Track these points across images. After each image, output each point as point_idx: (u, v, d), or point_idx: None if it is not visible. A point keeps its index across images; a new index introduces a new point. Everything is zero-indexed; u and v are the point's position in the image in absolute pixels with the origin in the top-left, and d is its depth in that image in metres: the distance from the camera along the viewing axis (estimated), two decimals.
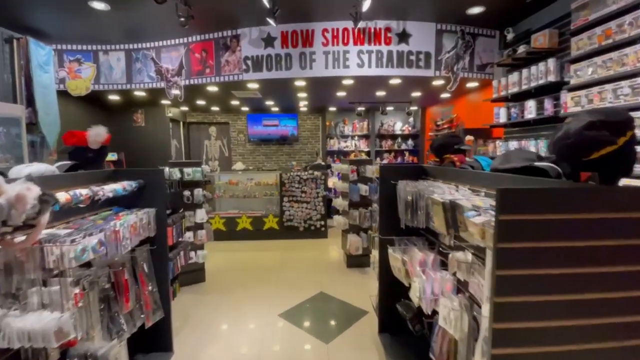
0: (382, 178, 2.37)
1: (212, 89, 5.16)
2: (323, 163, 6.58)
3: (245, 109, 7.91)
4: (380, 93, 5.79)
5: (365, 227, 4.29)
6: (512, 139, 4.21)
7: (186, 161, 4.44)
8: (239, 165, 8.27)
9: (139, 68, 5.03)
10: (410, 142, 8.30)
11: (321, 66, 4.23)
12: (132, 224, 1.90)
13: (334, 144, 8.23)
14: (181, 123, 8.20)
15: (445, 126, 6.78)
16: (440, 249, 1.95)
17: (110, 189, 1.80)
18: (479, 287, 1.57)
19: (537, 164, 1.29)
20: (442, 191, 1.77)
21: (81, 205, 1.58)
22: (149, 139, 6.95)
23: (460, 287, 1.80)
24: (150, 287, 2.20)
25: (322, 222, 6.03)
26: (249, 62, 4.38)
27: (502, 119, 4.26)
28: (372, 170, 4.23)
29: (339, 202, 4.58)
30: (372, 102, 6.73)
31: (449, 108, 6.69)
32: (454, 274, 1.78)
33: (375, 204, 4.41)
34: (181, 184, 3.64)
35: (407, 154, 8.32)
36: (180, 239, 2.46)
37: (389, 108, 7.80)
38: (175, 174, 3.65)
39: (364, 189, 4.12)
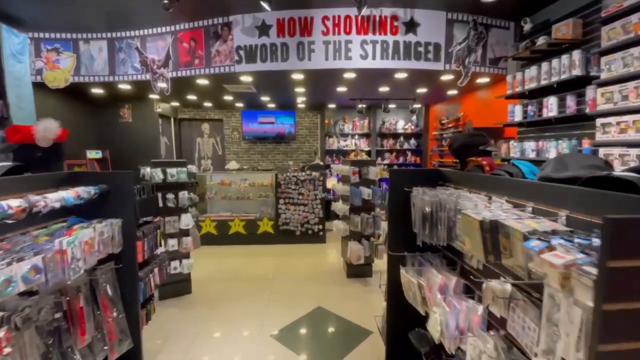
0: (393, 184, 2.02)
1: (202, 82, 4.80)
2: (322, 163, 6.24)
3: (239, 105, 7.54)
4: (384, 89, 5.45)
5: (368, 234, 3.95)
6: (529, 139, 3.88)
7: (170, 160, 4.08)
8: (232, 165, 7.90)
9: (122, 58, 4.65)
10: (412, 141, 7.97)
11: (321, 57, 3.87)
12: (86, 241, 1.54)
13: (333, 143, 7.88)
14: (172, 119, 7.81)
15: (451, 125, 6.45)
16: (471, 277, 1.61)
17: (56, 198, 1.44)
18: (524, 331, 1.23)
19: (618, 173, 0.95)
20: (472, 203, 1.43)
21: (9, 221, 1.22)
22: (137, 135, 6.56)
23: (492, 321, 1.47)
24: (115, 314, 1.85)
25: (320, 226, 5.69)
26: (242, 53, 4.02)
27: (518, 117, 3.93)
28: (375, 172, 3.89)
29: (339, 207, 4.24)
30: (374, 99, 6.39)
31: (455, 106, 6.36)
32: (487, 307, 1.45)
33: (378, 209, 4.08)
34: (157, 187, 3.28)
35: (409, 153, 7.99)
36: (155, 252, 2.11)
37: (391, 106, 7.46)
38: (158, 175, 3.29)
39: (366, 192, 3.77)
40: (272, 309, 3.29)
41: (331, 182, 6.75)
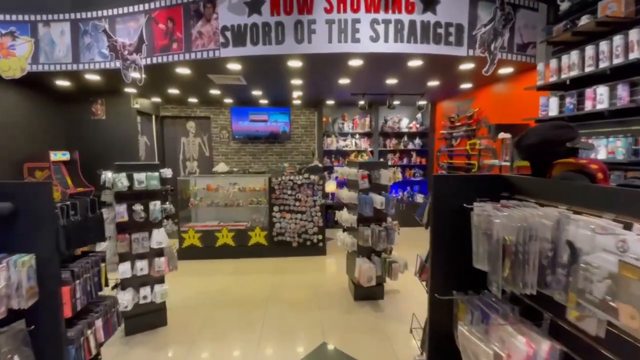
0: (439, 196, 1.45)
1: (183, 70, 4.17)
2: (320, 165, 5.65)
3: (228, 101, 6.92)
4: (391, 81, 4.89)
5: (379, 250, 3.38)
6: None
7: (138, 163, 3.43)
8: (221, 167, 7.27)
9: (87, 43, 4.01)
10: (417, 141, 7.44)
11: (323, 39, 3.29)
12: None
13: (332, 143, 7.30)
14: (153, 117, 7.15)
15: (462, 123, 5.94)
16: (570, 337, 1.03)
17: None
18: None
19: None
20: (612, 239, 0.86)
21: None
22: (112, 135, 5.89)
23: None
24: None
25: (320, 236, 5.10)
26: (229, 34, 3.42)
27: (553, 111, 3.41)
28: (387, 177, 3.32)
29: (345, 217, 3.66)
30: (378, 94, 5.84)
31: (467, 101, 5.85)
32: None
33: (390, 219, 3.51)
34: (123, 197, 2.66)
35: (414, 154, 7.45)
36: (94, 297, 1.49)
37: (396, 102, 6.93)
38: (121, 181, 2.67)
39: (378, 201, 3.20)
40: (266, 347, 2.69)
41: (330, 186, 6.18)
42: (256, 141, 7.50)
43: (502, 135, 4.05)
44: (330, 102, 6.96)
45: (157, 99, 6.70)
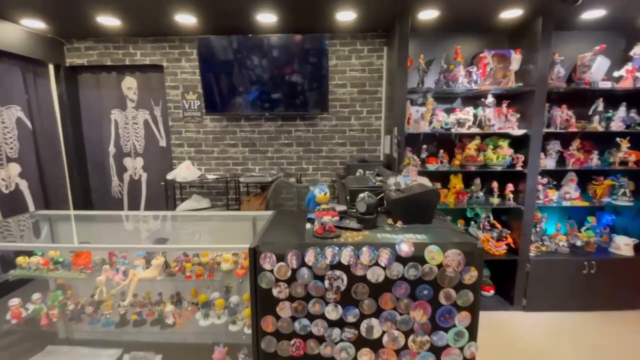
0: None
1: None
2: (432, 185, 1.83)
3: (188, 19, 3.25)
4: None
5: None
6: None
7: None
8: (183, 171, 3.73)
9: None
10: (624, 112, 3.36)
11: None
12: None
13: (423, 118, 3.42)
14: (50, 68, 3.72)
15: None
16: None
17: None
18: None
19: None
20: None
21: None
22: None
23: None
24: None
25: None
26: None
27: None
28: None
29: None
30: None
31: None
32: None
33: None
34: None
35: (622, 143, 3.37)
36: None
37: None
38: None
39: None
40: None
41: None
42: (256, 115, 3.83)
43: None
44: (425, 13, 3.05)
45: (39, 24, 3.20)
